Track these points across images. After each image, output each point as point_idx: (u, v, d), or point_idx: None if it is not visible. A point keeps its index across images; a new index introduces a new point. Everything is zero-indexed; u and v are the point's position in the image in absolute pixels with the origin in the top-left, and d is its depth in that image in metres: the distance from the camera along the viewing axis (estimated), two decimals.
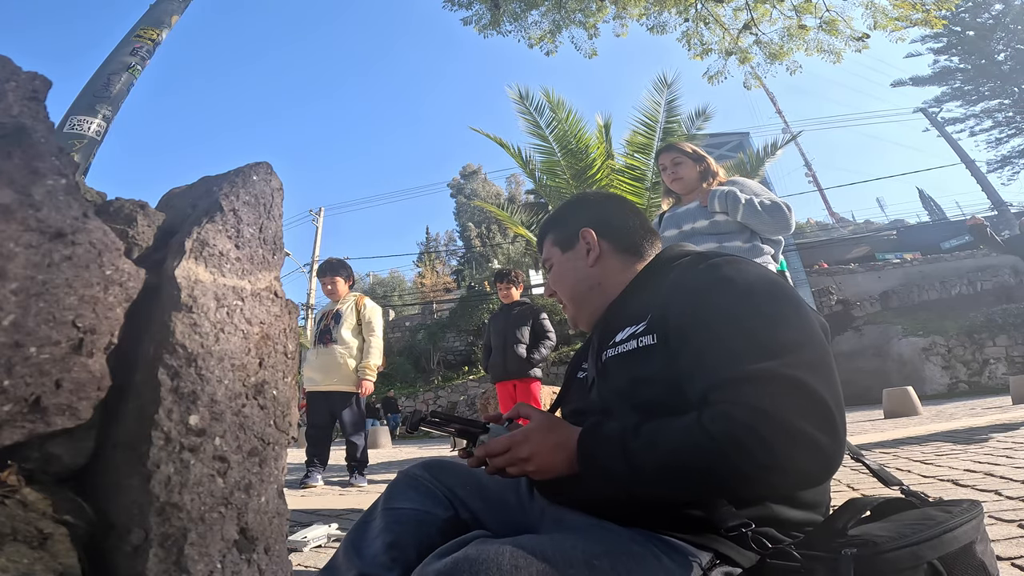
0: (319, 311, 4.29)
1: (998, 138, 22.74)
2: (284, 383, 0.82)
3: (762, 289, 0.70)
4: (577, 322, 1.01)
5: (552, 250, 1.03)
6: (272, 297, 0.84)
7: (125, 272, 0.68)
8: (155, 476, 0.64)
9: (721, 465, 0.59)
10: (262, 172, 0.85)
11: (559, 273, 1.01)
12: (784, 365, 0.61)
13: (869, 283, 17.69)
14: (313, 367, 3.96)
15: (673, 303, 0.75)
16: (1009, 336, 12.98)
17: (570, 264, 0.99)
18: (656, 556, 0.60)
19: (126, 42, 3.03)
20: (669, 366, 0.71)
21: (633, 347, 0.78)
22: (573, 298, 0.99)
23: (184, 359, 0.70)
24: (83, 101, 2.75)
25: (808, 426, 0.57)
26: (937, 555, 0.58)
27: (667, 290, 0.78)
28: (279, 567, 0.71)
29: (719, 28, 6.13)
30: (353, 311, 4.08)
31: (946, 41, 22.07)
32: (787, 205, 2.27)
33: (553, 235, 1.03)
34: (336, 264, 4.21)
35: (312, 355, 4.01)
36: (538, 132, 6.55)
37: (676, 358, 0.70)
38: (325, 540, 2.11)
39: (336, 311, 4.05)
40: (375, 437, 10.53)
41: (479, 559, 0.55)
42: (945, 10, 5.75)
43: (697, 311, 0.71)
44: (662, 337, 0.74)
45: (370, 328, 4.06)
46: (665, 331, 0.74)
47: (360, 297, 4.18)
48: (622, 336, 0.81)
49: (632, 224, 0.99)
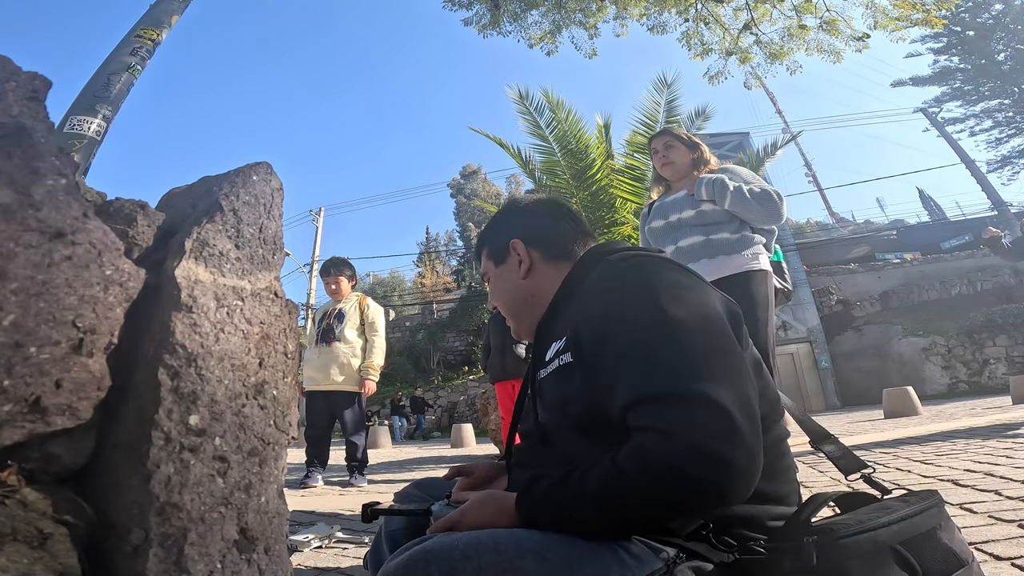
0: (320, 310, 4.25)
1: (998, 138, 22.73)
2: (284, 383, 0.82)
3: (661, 293, 0.69)
4: (519, 334, 1.01)
5: (487, 264, 1.03)
6: (272, 297, 0.84)
7: (125, 272, 0.68)
8: (155, 476, 0.64)
9: (648, 497, 0.59)
10: (262, 172, 0.85)
11: (496, 287, 1.01)
12: (688, 380, 0.61)
13: (869, 283, 17.70)
14: (314, 366, 3.91)
15: (583, 317, 0.75)
16: (1009, 336, 12.98)
17: (504, 277, 0.99)
18: (613, 550, 0.60)
19: (126, 42, 3.03)
20: (587, 383, 0.71)
21: (556, 366, 0.78)
22: (511, 311, 1.00)
23: (184, 359, 0.70)
24: (83, 101, 2.75)
25: (715, 443, 0.56)
26: (897, 541, 0.61)
27: (580, 302, 0.79)
28: (279, 567, 0.71)
29: (719, 28, 6.13)
30: (356, 310, 4.06)
31: (946, 41, 22.05)
32: (778, 193, 2.20)
33: (487, 249, 1.03)
34: (340, 263, 4.19)
35: (313, 354, 3.96)
36: (538, 132, 6.55)
37: (593, 375, 0.71)
38: (326, 540, 2.11)
39: (339, 310, 4.02)
40: (375, 437, 10.53)
41: (433, 550, 0.57)
42: (945, 10, 5.75)
43: (601, 327, 0.71)
44: (578, 355, 0.74)
45: (373, 328, 4.04)
46: (580, 348, 0.74)
47: (363, 297, 4.17)
48: (550, 354, 0.82)
49: (564, 228, 0.98)
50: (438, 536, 0.61)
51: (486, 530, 0.62)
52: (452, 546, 0.57)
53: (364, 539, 2.19)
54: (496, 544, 0.58)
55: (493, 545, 0.57)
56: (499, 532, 0.61)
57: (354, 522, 2.60)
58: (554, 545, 0.59)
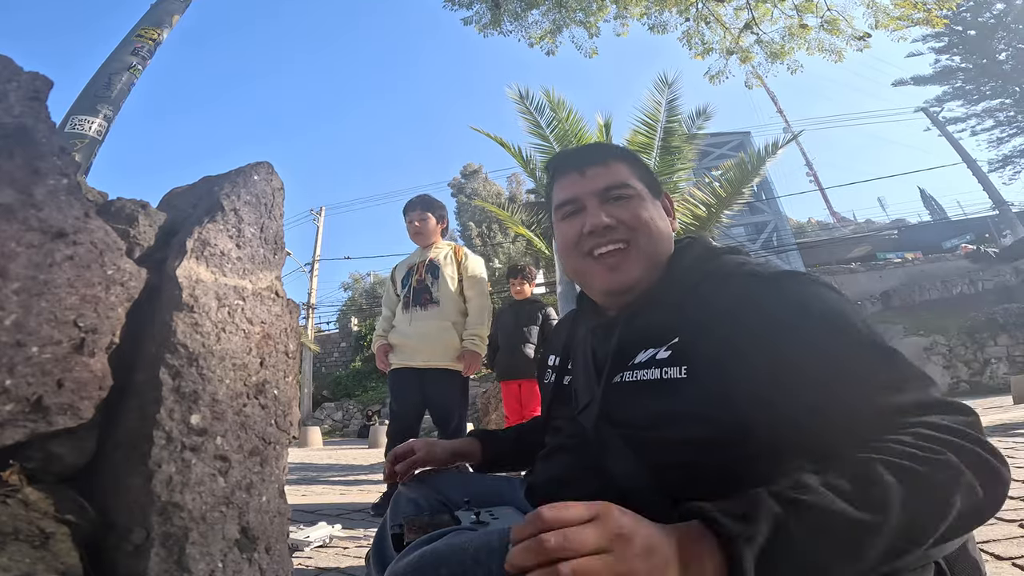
0: (401, 264, 3.20)
1: (999, 137, 22.66)
2: (285, 382, 0.82)
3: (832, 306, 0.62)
4: (625, 281, 0.76)
5: (635, 181, 0.81)
6: (273, 297, 0.84)
7: (127, 272, 0.68)
8: (157, 475, 0.64)
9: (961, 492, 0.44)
10: (263, 172, 0.85)
11: (649, 211, 0.79)
12: (931, 390, 0.53)
13: (870, 283, 17.66)
14: (406, 335, 2.92)
15: (710, 329, 0.64)
16: (1010, 335, 12.94)
17: (659, 214, 0.81)
18: None
19: (127, 42, 3.04)
20: (704, 400, 0.62)
21: (655, 377, 0.67)
22: (648, 249, 0.77)
23: (186, 358, 0.70)
24: (84, 101, 2.75)
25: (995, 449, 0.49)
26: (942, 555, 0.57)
27: (697, 310, 0.68)
28: (280, 566, 0.71)
29: (720, 28, 6.12)
30: (452, 262, 3.05)
31: (947, 40, 22.00)
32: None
33: (636, 171, 0.82)
34: (429, 200, 3.14)
35: (402, 321, 2.96)
36: (538, 132, 6.54)
37: (726, 392, 0.60)
38: (327, 539, 2.11)
39: (430, 261, 3.00)
40: (376, 436, 10.47)
41: (443, 552, 0.55)
42: (947, 9, 5.73)
43: (766, 341, 0.60)
44: (693, 371, 0.64)
45: (475, 285, 3.03)
46: (698, 362, 0.64)
47: (457, 247, 3.16)
48: (642, 358, 0.69)
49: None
50: (448, 537, 0.60)
51: (497, 534, 0.61)
52: (463, 548, 0.56)
53: (365, 538, 2.19)
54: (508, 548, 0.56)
55: (505, 549, 0.55)
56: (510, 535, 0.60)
57: (355, 520, 2.60)
58: None
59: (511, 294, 4.20)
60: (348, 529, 2.34)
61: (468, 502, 0.79)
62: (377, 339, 3.06)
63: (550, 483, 0.79)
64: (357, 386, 16.65)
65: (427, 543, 0.60)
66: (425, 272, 2.97)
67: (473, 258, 3.12)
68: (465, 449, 0.99)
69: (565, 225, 0.82)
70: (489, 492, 0.89)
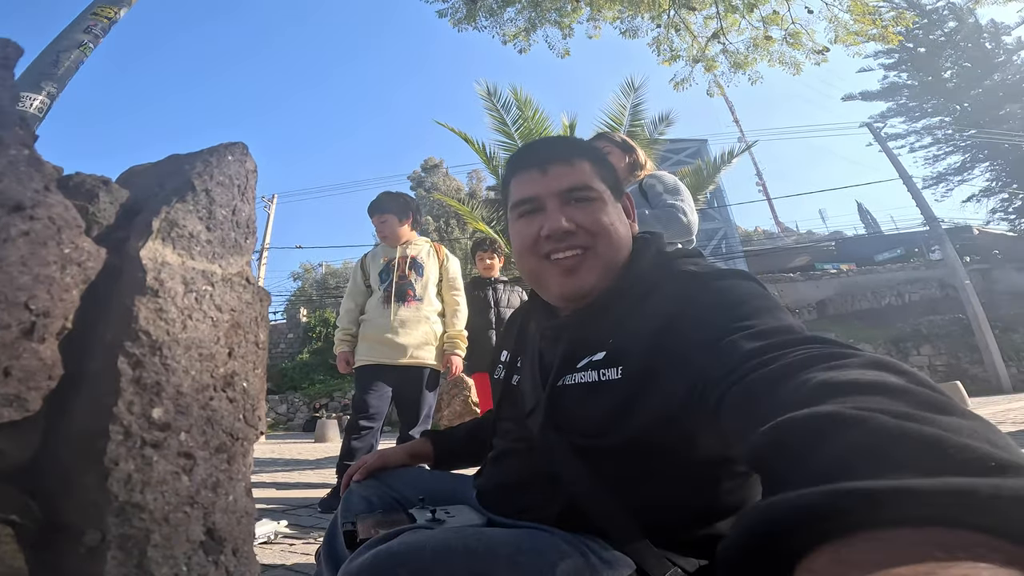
0: (374, 253, 3.08)
1: (936, 155, 23.89)
2: (254, 375, 0.78)
3: (749, 291, 0.63)
4: (581, 287, 0.74)
5: (598, 183, 0.77)
6: (244, 283, 0.79)
7: (84, 251, 0.63)
8: (113, 473, 0.59)
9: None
10: (237, 152, 0.80)
11: (610, 215, 0.76)
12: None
13: (808, 291, 18.60)
14: (386, 331, 2.81)
15: (645, 329, 0.65)
16: (933, 346, 13.95)
17: (619, 217, 0.78)
18: (585, 554, 0.58)
19: (81, 19, 2.87)
20: (639, 400, 0.62)
21: (593, 379, 0.67)
22: (607, 256, 0.75)
23: (148, 347, 0.65)
24: (28, 77, 2.60)
25: None
26: None
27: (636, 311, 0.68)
28: (248, 569, 0.67)
29: (689, 36, 6.28)
30: (434, 261, 3.02)
31: (897, 57, 22.91)
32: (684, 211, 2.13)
33: (597, 169, 0.79)
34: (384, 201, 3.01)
35: (381, 315, 2.86)
36: (503, 129, 6.55)
37: (661, 389, 0.60)
38: (272, 535, 2.04)
39: (412, 258, 2.95)
40: (323, 431, 10.18)
41: (400, 553, 0.54)
42: (902, 26, 6.08)
43: (692, 332, 0.59)
44: (627, 371, 0.64)
45: (455, 286, 3.04)
46: (632, 362, 0.64)
47: (438, 245, 3.12)
48: (583, 363, 0.70)
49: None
50: (404, 536, 0.58)
51: (455, 532, 0.60)
52: (420, 548, 0.54)
53: (312, 534, 2.13)
54: (467, 548, 0.55)
55: (464, 549, 0.55)
56: (468, 534, 0.58)
57: (300, 516, 2.52)
58: (527, 550, 0.57)
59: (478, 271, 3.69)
60: (294, 526, 2.27)
61: (423, 500, 0.78)
62: (341, 343, 2.95)
63: (500, 489, 0.80)
64: (304, 379, 16.08)
65: (381, 542, 0.58)
66: (408, 268, 2.93)
67: (453, 259, 3.11)
68: (419, 450, 1.00)
69: (522, 224, 0.78)
70: (444, 490, 0.88)
